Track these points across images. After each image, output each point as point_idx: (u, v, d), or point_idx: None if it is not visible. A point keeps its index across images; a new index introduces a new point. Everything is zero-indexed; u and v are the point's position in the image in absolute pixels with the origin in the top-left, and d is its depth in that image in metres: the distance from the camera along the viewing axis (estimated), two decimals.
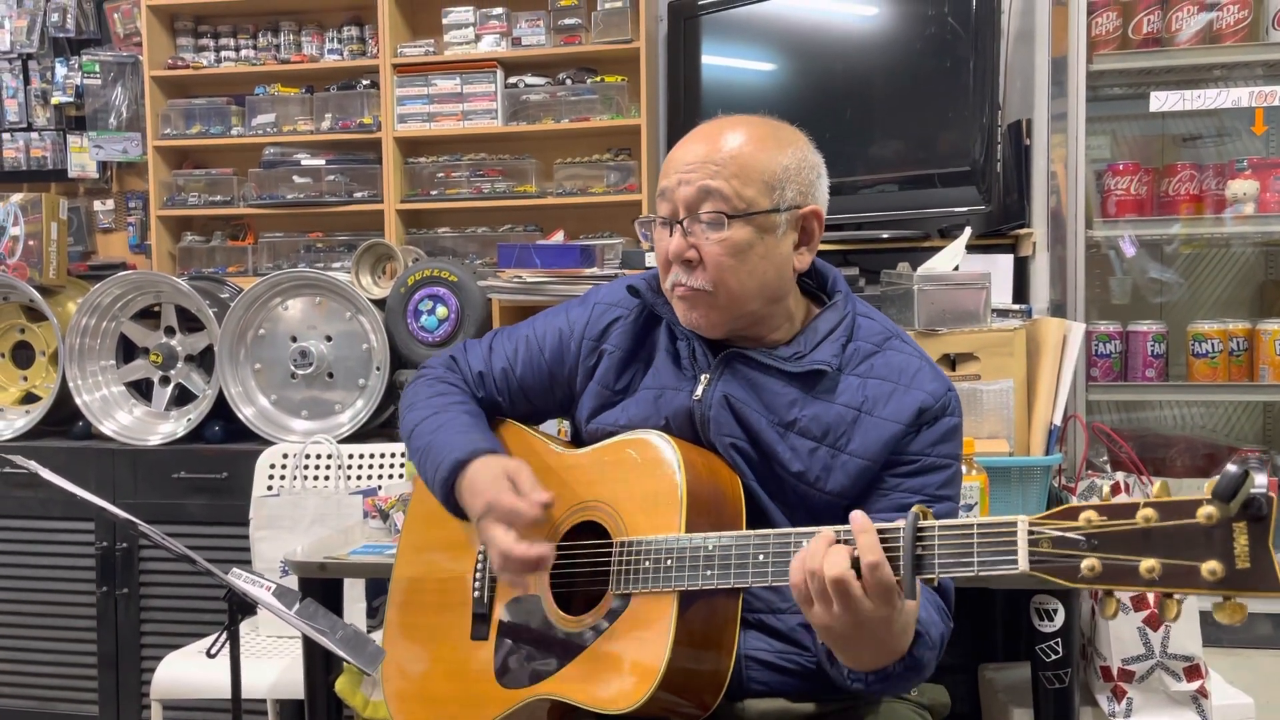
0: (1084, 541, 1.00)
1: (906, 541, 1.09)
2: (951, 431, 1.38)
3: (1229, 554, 0.94)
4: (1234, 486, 0.93)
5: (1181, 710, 1.99)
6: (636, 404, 1.45)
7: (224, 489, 2.90)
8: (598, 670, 1.32)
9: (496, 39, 3.32)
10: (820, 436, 1.36)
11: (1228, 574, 0.94)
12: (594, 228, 3.33)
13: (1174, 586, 0.96)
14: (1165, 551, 0.96)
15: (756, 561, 1.24)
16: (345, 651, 1.50)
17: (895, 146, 2.73)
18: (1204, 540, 0.95)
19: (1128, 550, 0.98)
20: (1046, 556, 1.02)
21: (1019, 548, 1.04)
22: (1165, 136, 2.88)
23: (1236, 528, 0.94)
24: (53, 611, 3.03)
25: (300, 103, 3.49)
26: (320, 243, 3.52)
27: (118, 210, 3.78)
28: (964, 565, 1.08)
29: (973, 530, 1.08)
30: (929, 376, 1.39)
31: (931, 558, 1.09)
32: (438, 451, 1.44)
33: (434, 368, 1.61)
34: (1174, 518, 0.97)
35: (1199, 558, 0.95)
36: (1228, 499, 0.93)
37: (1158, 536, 0.97)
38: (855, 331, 1.41)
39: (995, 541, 1.06)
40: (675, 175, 1.37)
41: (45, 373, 3.26)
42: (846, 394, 1.37)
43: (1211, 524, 0.95)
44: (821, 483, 1.36)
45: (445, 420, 1.49)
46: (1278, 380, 2.55)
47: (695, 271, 1.36)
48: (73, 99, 3.69)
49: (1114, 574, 0.99)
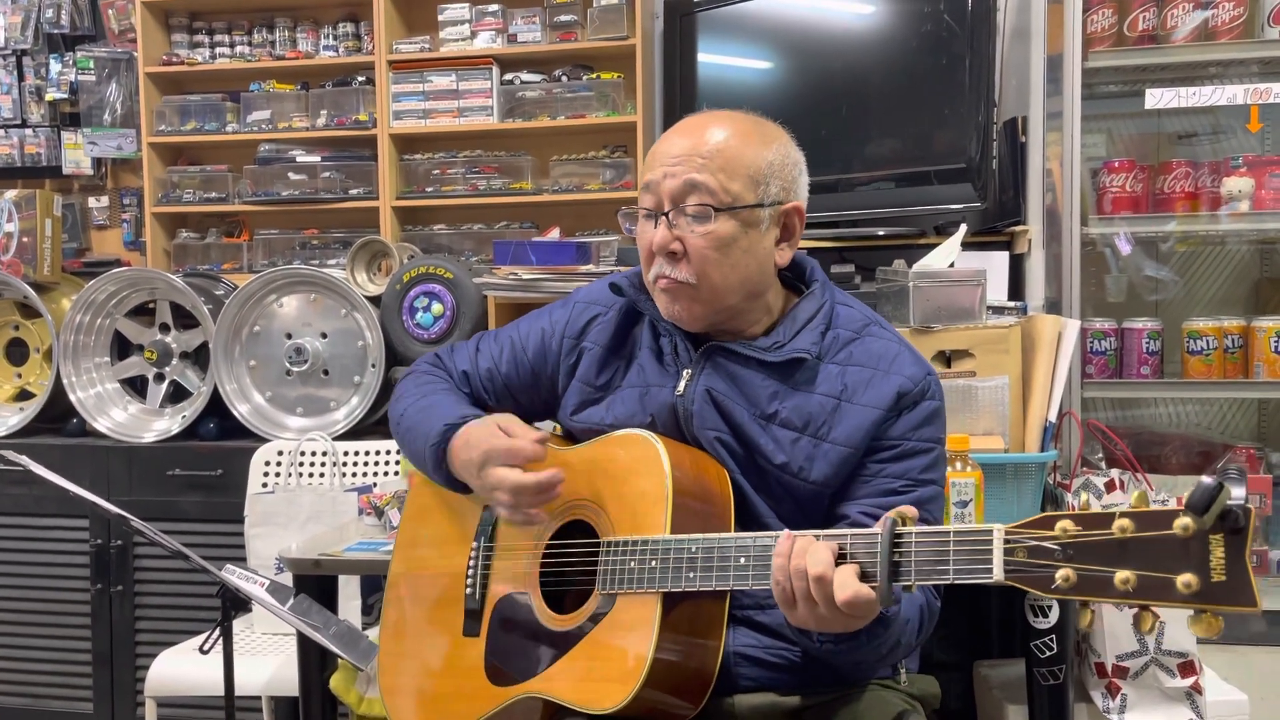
0: (1059, 551, 0.99)
1: (884, 549, 1.09)
2: (933, 415, 1.39)
3: (1205, 567, 0.93)
4: (1207, 500, 0.91)
5: (1176, 706, 1.99)
6: (622, 401, 1.45)
7: (219, 486, 2.89)
8: (584, 670, 1.32)
9: (492, 35, 3.31)
10: (802, 427, 1.37)
11: (1203, 587, 0.92)
12: (590, 225, 3.32)
13: (1149, 599, 0.95)
14: (1141, 563, 0.95)
15: (738, 564, 1.24)
16: (338, 647, 1.50)
17: (891, 144, 2.73)
18: (1180, 552, 0.94)
19: (1103, 561, 0.97)
20: (1021, 566, 1.02)
21: (994, 557, 1.04)
22: (1161, 134, 2.88)
23: (1213, 540, 0.93)
24: (47, 609, 3.02)
25: (295, 99, 3.49)
26: (315, 239, 3.51)
27: (112, 207, 3.77)
28: (940, 573, 1.08)
29: (949, 538, 1.08)
30: (908, 361, 1.39)
31: (908, 564, 1.10)
32: (427, 424, 1.45)
33: (422, 365, 1.62)
34: (1150, 529, 0.96)
35: (1175, 570, 0.93)
36: (1201, 511, 0.92)
37: (1133, 547, 0.96)
38: (834, 319, 1.42)
39: (971, 550, 1.06)
40: (661, 168, 1.37)
41: (39, 369, 3.25)
42: (826, 383, 1.38)
43: (1188, 536, 0.93)
44: (805, 473, 1.36)
45: (433, 401, 1.50)
46: (1272, 377, 2.55)
47: (679, 264, 1.36)
48: (67, 95, 3.68)
49: (1089, 585, 0.98)
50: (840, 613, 1.12)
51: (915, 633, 1.32)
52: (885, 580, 1.09)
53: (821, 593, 1.12)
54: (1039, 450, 2.03)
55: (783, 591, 1.16)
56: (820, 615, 1.14)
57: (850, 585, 1.11)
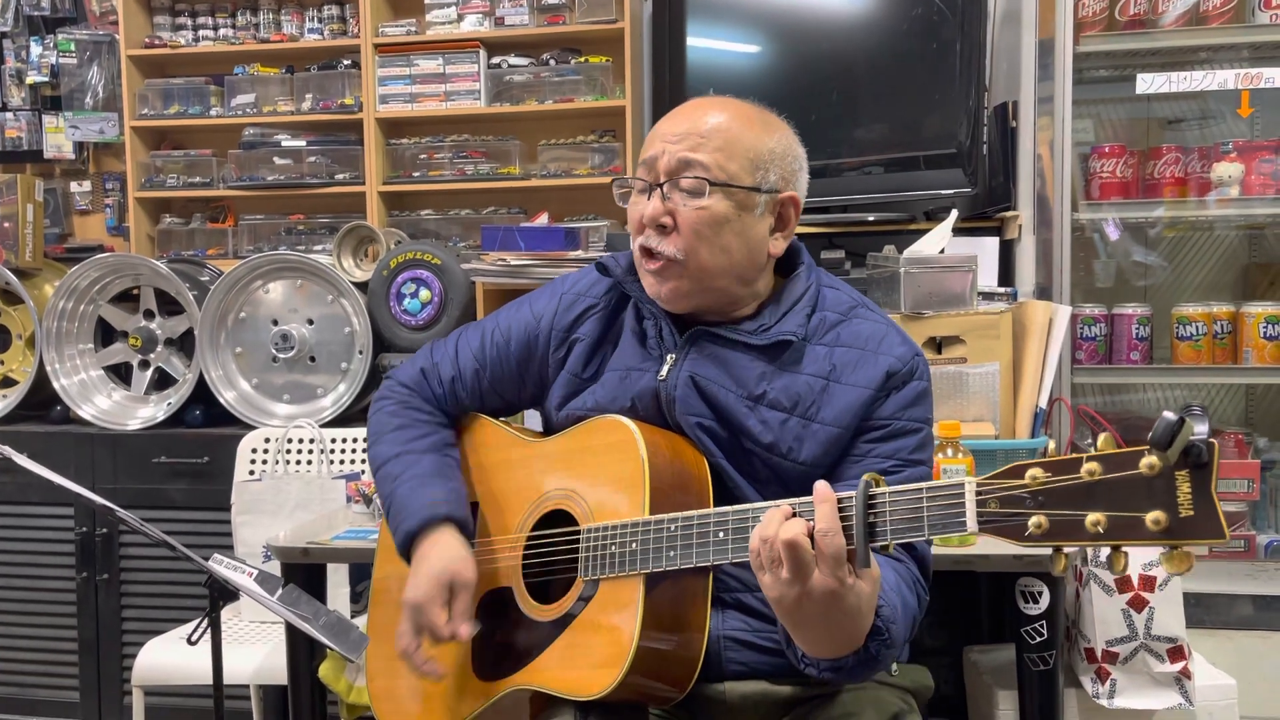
0: (1030, 499, 1.00)
1: (859, 509, 1.09)
2: (921, 395, 1.39)
3: (1173, 503, 0.94)
4: (1170, 434, 0.92)
5: (1165, 691, 2.00)
6: (603, 386, 1.44)
7: (205, 474, 2.88)
8: (570, 657, 1.32)
9: (479, 19, 3.28)
10: (790, 407, 1.36)
11: (1171, 523, 0.94)
12: (578, 210, 3.30)
13: (1120, 539, 0.96)
14: (1110, 504, 0.96)
15: (717, 539, 1.23)
16: (328, 637, 1.49)
17: (881, 129, 2.72)
18: (1147, 491, 0.95)
19: (1073, 505, 0.98)
20: (994, 516, 1.02)
21: (967, 508, 1.04)
22: (1150, 119, 2.88)
23: (1179, 476, 0.94)
24: (32, 598, 3.00)
25: (280, 83, 3.45)
26: (301, 225, 3.48)
27: (95, 192, 3.73)
28: (915, 530, 1.08)
29: (922, 494, 1.08)
30: (896, 341, 1.39)
31: (884, 524, 1.09)
32: (394, 512, 1.46)
33: (398, 390, 1.58)
34: (1117, 470, 0.96)
35: (1143, 509, 0.95)
36: (1165, 446, 0.93)
37: (1102, 490, 0.97)
38: (821, 302, 1.41)
39: (944, 504, 1.06)
40: (660, 144, 1.36)
41: (22, 357, 3.22)
42: (814, 364, 1.37)
43: (1154, 474, 0.94)
44: (794, 453, 1.35)
45: (405, 465, 1.49)
46: (1261, 363, 2.56)
47: (669, 237, 1.35)
48: (48, 78, 3.64)
49: (1060, 530, 0.98)
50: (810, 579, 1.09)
51: (905, 635, 1.30)
52: (862, 541, 1.08)
53: (795, 559, 1.09)
54: (1029, 436, 2.04)
55: (758, 561, 1.13)
56: (786, 580, 1.10)
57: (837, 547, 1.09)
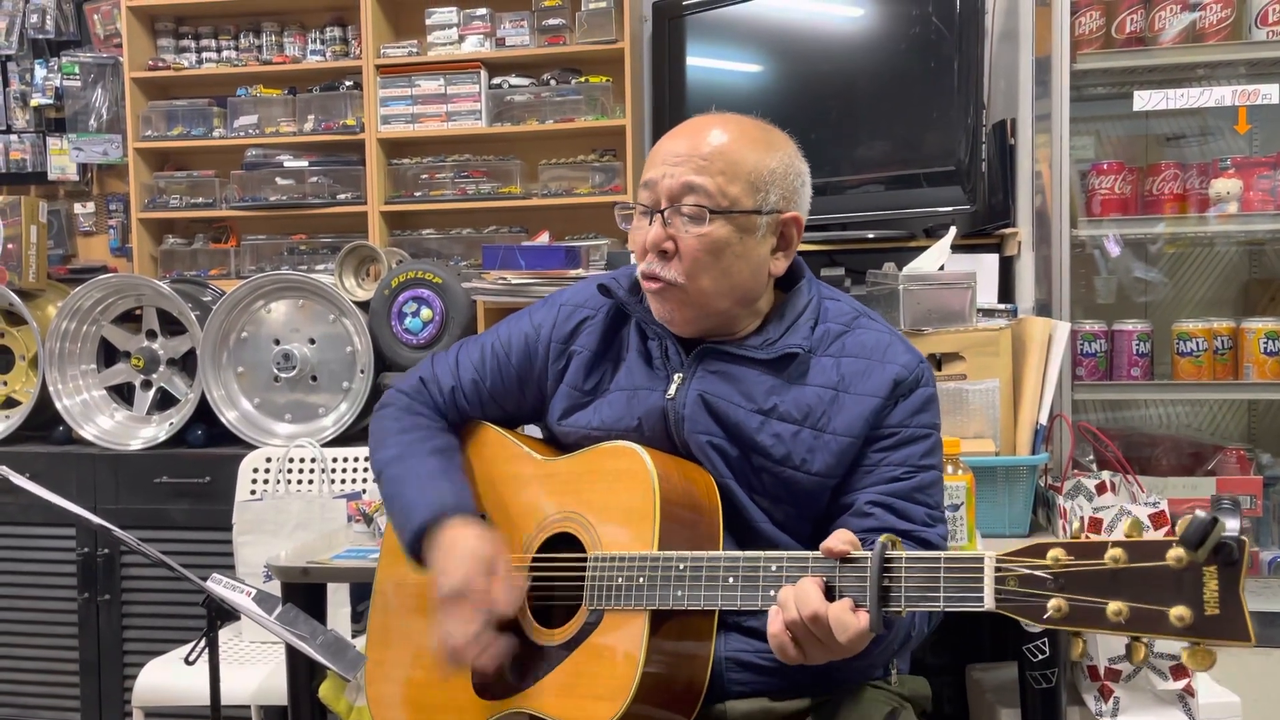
0: (1051, 581, 0.98)
1: (873, 574, 1.08)
2: (929, 401, 1.39)
3: (1198, 599, 0.91)
4: (1201, 535, 0.90)
5: (1168, 709, 1.99)
6: (609, 405, 1.44)
7: (207, 494, 2.87)
8: (572, 685, 1.31)
9: (480, 39, 3.30)
10: (801, 419, 1.36)
11: (1196, 620, 0.91)
12: (579, 229, 3.31)
13: (1141, 631, 0.94)
14: (1133, 594, 0.94)
15: (726, 584, 1.23)
16: (325, 657, 1.49)
17: (880, 146, 2.73)
18: (1173, 584, 0.92)
19: (1095, 591, 0.96)
20: (1013, 595, 1.01)
21: (985, 585, 1.03)
22: (1149, 136, 2.88)
23: (1207, 571, 0.91)
24: (34, 618, 2.99)
25: (283, 104, 3.47)
26: (303, 245, 3.49)
27: (98, 213, 3.74)
28: (930, 599, 1.07)
29: (939, 564, 1.07)
30: (901, 350, 1.40)
31: (898, 590, 1.09)
32: (401, 510, 1.44)
33: (399, 396, 1.58)
34: (1143, 559, 0.94)
35: (1167, 602, 0.92)
36: (1194, 547, 0.90)
37: (1126, 578, 0.94)
38: (823, 314, 1.42)
39: (962, 577, 1.05)
40: (661, 167, 1.36)
41: (25, 377, 3.22)
42: (821, 375, 1.38)
43: (1181, 567, 0.92)
44: (807, 465, 1.36)
45: (409, 468, 1.47)
46: (1262, 379, 2.55)
47: (670, 263, 1.36)
48: (52, 101, 3.66)
49: (1080, 616, 0.96)
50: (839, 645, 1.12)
51: (909, 631, 1.31)
52: (875, 606, 1.08)
53: (818, 630, 1.12)
54: (1030, 453, 2.03)
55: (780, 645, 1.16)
56: (816, 653, 1.14)
57: (849, 625, 1.10)
